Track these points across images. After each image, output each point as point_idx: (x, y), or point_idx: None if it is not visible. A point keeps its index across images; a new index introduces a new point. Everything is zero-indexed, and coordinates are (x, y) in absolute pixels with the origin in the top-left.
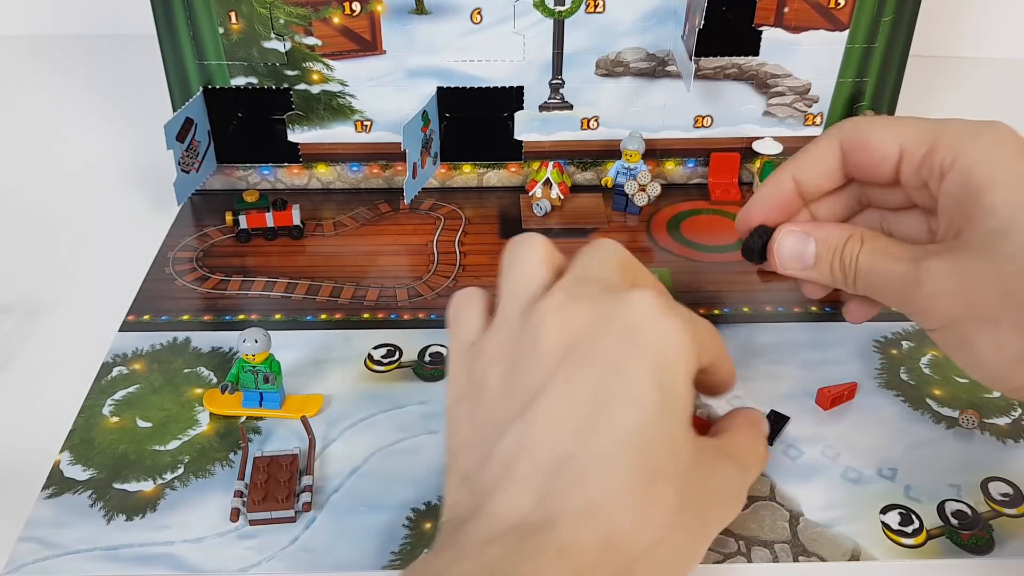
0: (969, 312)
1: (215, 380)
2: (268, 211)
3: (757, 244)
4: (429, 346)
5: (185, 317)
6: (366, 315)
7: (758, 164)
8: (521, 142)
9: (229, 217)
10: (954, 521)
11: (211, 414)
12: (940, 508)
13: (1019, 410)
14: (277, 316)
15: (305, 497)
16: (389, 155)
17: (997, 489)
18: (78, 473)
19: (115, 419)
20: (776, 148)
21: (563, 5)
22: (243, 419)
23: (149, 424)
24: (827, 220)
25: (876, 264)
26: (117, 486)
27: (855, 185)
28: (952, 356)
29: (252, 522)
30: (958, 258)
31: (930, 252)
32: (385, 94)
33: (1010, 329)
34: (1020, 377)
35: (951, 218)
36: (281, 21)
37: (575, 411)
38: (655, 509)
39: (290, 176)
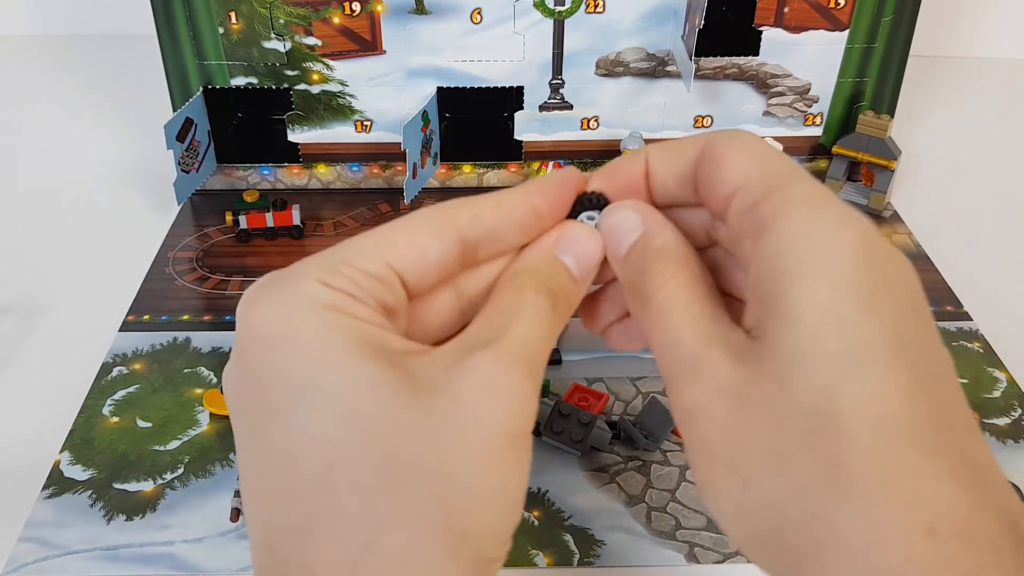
0: (725, 452)
1: (215, 380)
2: (268, 211)
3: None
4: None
5: (185, 317)
6: None
7: None
8: (521, 142)
9: (229, 217)
10: None
11: (211, 414)
12: None
13: (1019, 410)
14: None
15: None
16: (389, 155)
17: None
18: (78, 473)
19: (115, 419)
20: (776, 148)
21: (563, 5)
22: None
23: (149, 424)
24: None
25: (675, 313)
26: (117, 486)
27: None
28: (697, 484)
29: None
30: (742, 371)
31: (728, 344)
32: (385, 94)
33: (759, 495)
34: (747, 541)
35: (752, 305)
36: (281, 21)
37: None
38: (348, 514)
39: (290, 176)
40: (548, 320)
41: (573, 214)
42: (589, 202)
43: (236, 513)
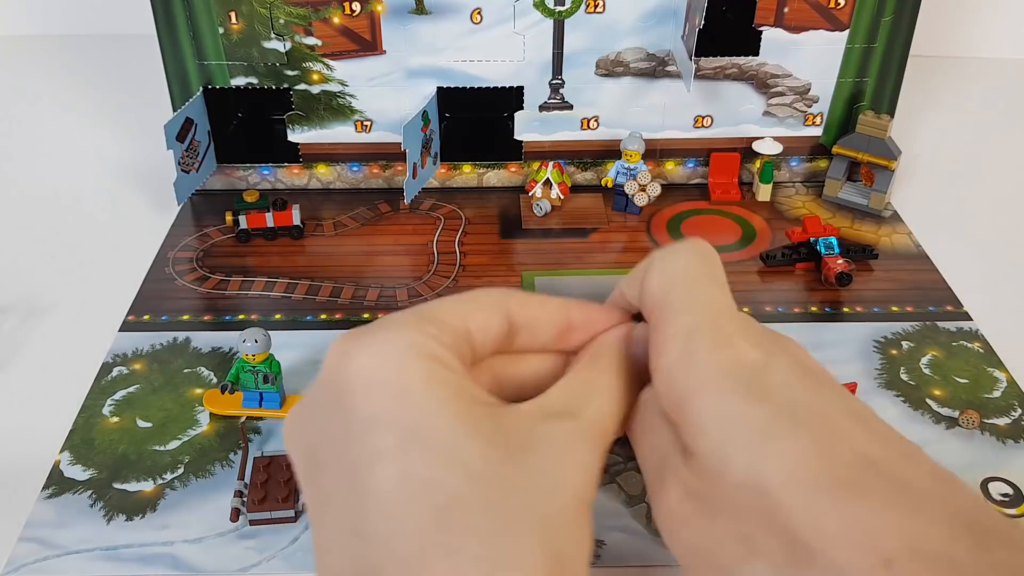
0: (701, 546)
1: (215, 380)
2: (268, 211)
3: None
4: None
5: (185, 317)
6: (366, 315)
7: (758, 164)
8: (521, 142)
9: (229, 217)
10: None
11: (211, 414)
12: None
13: (1019, 410)
14: (277, 316)
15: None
16: (389, 155)
17: (997, 489)
18: (78, 473)
19: (115, 419)
20: (776, 148)
21: (563, 5)
22: (243, 419)
23: (149, 424)
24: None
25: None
26: (117, 486)
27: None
28: None
29: (252, 522)
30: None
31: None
32: (385, 94)
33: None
34: None
35: (671, 413)
36: (281, 21)
37: (331, 517)
38: (465, 552)
39: (290, 176)
40: (620, 401)
41: None
42: None
43: (236, 513)
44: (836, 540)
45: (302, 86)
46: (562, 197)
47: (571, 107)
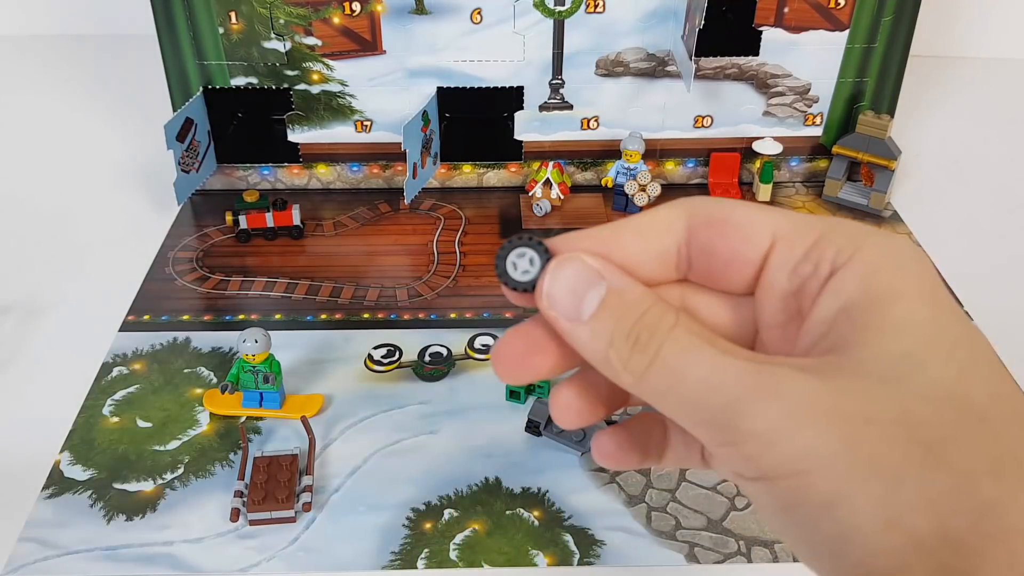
0: (848, 460)
1: (215, 380)
2: (268, 211)
3: (520, 258)
4: (429, 346)
5: (185, 317)
6: (366, 315)
7: (758, 164)
8: (521, 142)
9: (229, 217)
10: None
11: (211, 414)
12: None
13: None
14: (277, 316)
15: (305, 497)
16: (389, 155)
17: None
18: (78, 473)
19: (115, 419)
20: (776, 148)
21: (563, 5)
22: (243, 419)
23: (149, 424)
24: None
25: (696, 351)
26: (117, 486)
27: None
28: (787, 521)
29: (252, 522)
30: (845, 380)
31: (789, 363)
32: (385, 94)
33: (914, 492)
34: (900, 550)
35: (831, 329)
36: (281, 21)
37: None
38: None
39: (290, 176)
40: None
41: (500, 258)
42: (529, 245)
43: (236, 513)
44: None
45: (302, 86)
46: (562, 197)
47: (571, 107)
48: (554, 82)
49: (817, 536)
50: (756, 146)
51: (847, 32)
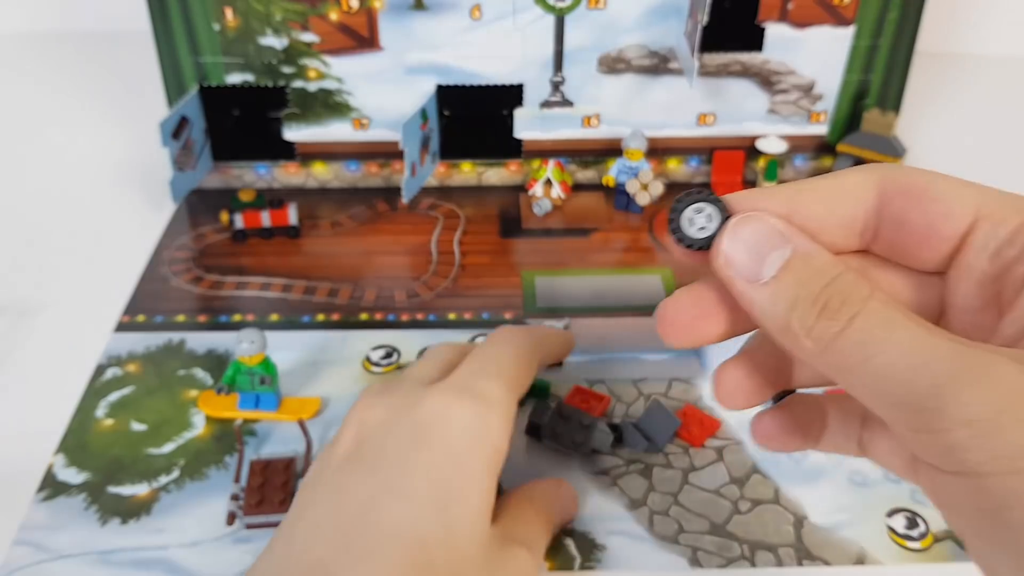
0: None
1: (211, 382)
2: (264, 210)
3: (698, 214)
4: (428, 347)
5: (180, 318)
6: (364, 316)
7: (762, 162)
8: (521, 140)
9: (225, 216)
10: None
11: (207, 416)
12: None
13: None
14: (274, 317)
15: None
16: (387, 153)
17: None
18: (72, 476)
19: (109, 421)
20: (781, 146)
21: (564, 1)
22: (239, 422)
23: (144, 426)
24: None
25: (899, 326)
26: (111, 489)
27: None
28: (989, 526)
29: (248, 526)
30: None
31: (1003, 351)
32: (383, 91)
33: None
34: None
35: None
36: (278, 17)
37: (341, 513)
38: None
39: (287, 175)
40: None
41: (676, 212)
42: (708, 201)
43: (232, 517)
44: None
45: (299, 83)
46: (563, 196)
47: (572, 104)
48: (555, 79)
49: None
50: (760, 144)
51: (852, 28)
